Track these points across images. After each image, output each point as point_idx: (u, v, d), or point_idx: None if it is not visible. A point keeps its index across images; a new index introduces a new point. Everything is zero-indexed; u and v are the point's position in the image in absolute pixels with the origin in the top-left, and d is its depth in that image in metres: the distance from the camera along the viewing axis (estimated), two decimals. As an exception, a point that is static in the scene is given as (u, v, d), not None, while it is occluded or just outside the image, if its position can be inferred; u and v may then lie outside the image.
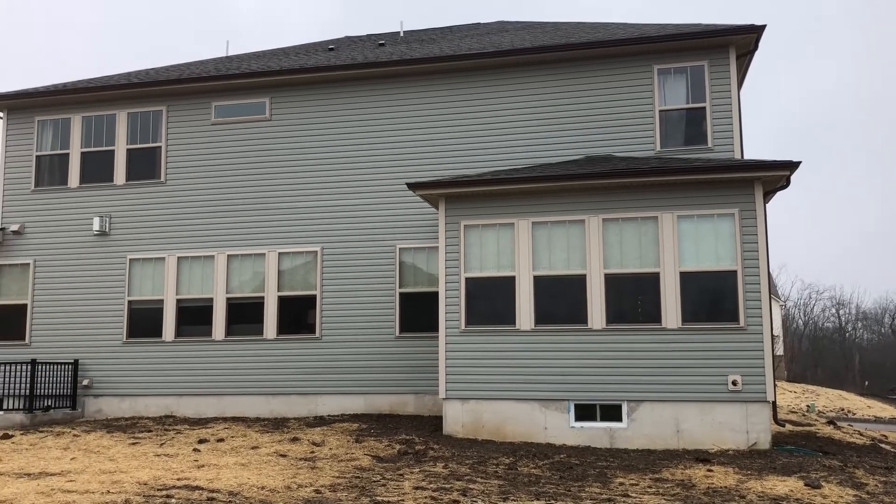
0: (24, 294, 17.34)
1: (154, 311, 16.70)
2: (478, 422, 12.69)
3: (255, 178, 16.60)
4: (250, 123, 16.80)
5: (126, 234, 17.03)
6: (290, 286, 16.17)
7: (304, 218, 16.23)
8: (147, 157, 17.28)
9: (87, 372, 16.68)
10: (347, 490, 8.69)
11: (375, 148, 16.11)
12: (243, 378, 15.96)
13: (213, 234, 16.62)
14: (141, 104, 17.34)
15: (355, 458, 10.87)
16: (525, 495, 8.47)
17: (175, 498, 8.17)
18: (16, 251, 17.51)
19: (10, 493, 8.41)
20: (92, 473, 9.69)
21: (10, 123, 17.98)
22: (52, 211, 17.47)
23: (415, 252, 15.63)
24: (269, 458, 10.86)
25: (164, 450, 11.65)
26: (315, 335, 15.78)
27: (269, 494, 8.43)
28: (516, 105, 15.55)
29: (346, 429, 13.35)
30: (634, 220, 12.69)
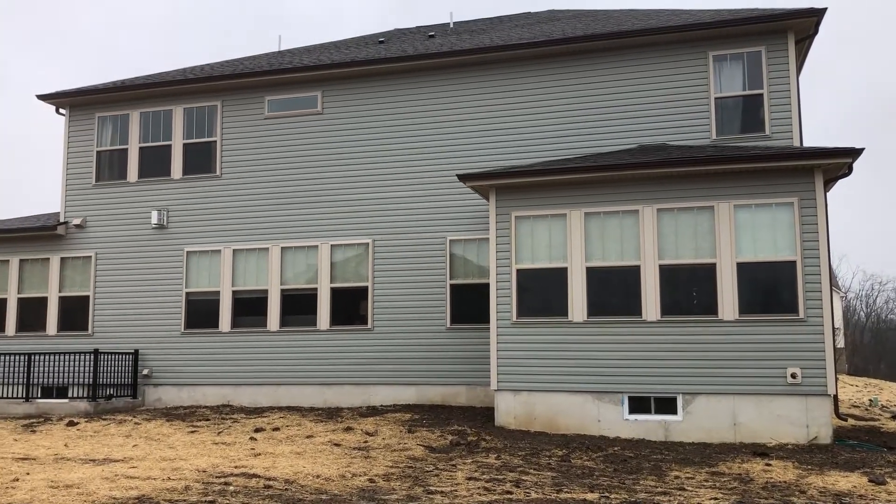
0: (86, 286, 17.87)
1: (211, 302, 17.05)
2: (530, 413, 12.66)
3: (308, 171, 16.78)
4: (302, 117, 16.99)
5: (183, 226, 17.41)
6: (342, 278, 16.33)
7: (356, 210, 16.37)
8: (203, 151, 17.62)
9: (146, 361, 17.13)
10: (401, 480, 8.76)
11: (426, 140, 16.14)
12: (297, 368, 16.19)
13: (267, 227, 16.87)
14: (196, 99, 17.68)
15: (408, 448, 10.94)
16: (579, 487, 8.42)
17: (233, 485, 8.34)
18: (78, 244, 18.05)
19: (77, 477, 8.70)
20: (153, 460, 9.96)
21: (72, 120, 18.51)
22: (113, 205, 17.95)
23: (465, 244, 15.63)
24: (324, 447, 11.01)
25: (222, 438, 11.91)
26: (367, 326, 15.92)
27: (324, 483, 8.54)
28: (568, 94, 15.40)
29: (399, 419, 13.45)
30: (690, 210, 12.47)
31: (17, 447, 11.24)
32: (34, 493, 7.88)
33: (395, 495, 7.92)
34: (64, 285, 18.05)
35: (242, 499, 7.66)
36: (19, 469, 9.34)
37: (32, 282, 18.29)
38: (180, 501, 7.52)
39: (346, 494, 7.95)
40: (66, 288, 18.03)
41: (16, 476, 8.82)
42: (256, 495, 7.84)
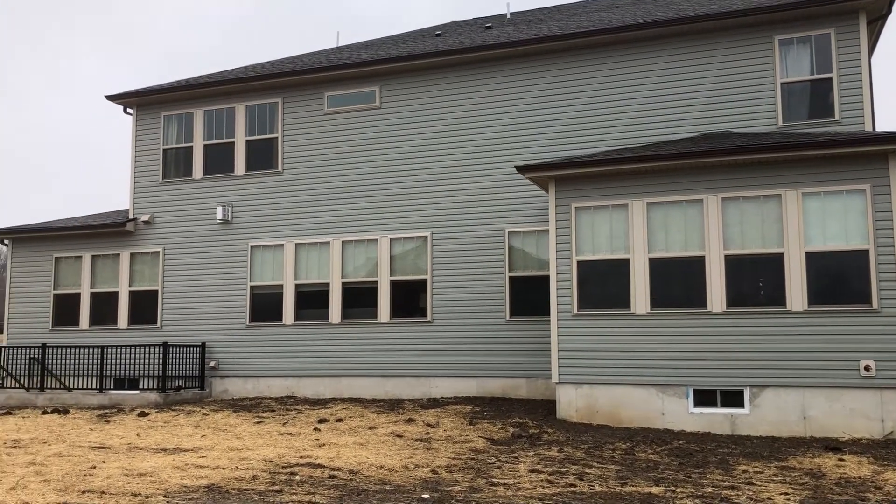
0: (155, 280, 18.42)
1: (274, 295, 17.37)
2: (592, 406, 12.54)
3: (367, 165, 16.93)
4: (361, 112, 17.13)
5: (247, 222, 17.77)
6: (401, 271, 16.44)
7: (414, 203, 16.44)
8: (265, 147, 17.93)
9: (213, 354, 17.56)
10: (463, 471, 8.79)
11: (484, 132, 16.10)
12: (359, 360, 16.38)
13: (328, 221, 17.09)
14: (258, 97, 18.00)
15: (469, 440, 10.97)
16: (643, 481, 8.31)
17: (299, 475, 8.49)
18: (147, 240, 18.59)
19: (150, 466, 8.98)
20: (221, 450, 10.21)
21: (139, 119, 19.06)
22: (179, 201, 18.43)
23: (524, 235, 15.55)
24: (386, 438, 11.11)
25: (287, 429, 12.13)
26: (427, 319, 16.00)
27: (387, 473, 8.63)
28: (627, 83, 15.16)
29: (460, 411, 13.49)
30: (756, 199, 12.15)
31: (92, 436, 11.66)
32: (110, 480, 8.17)
33: (458, 486, 7.95)
34: (134, 280, 18.63)
35: (308, 488, 7.80)
36: (96, 457, 9.69)
37: (104, 277, 18.92)
38: (248, 490, 7.69)
39: (410, 485, 8.02)
40: (136, 283, 18.60)
41: (93, 464, 9.15)
42: (322, 485, 7.97)
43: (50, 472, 8.63)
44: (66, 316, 19.01)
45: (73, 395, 16.54)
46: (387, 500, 7.29)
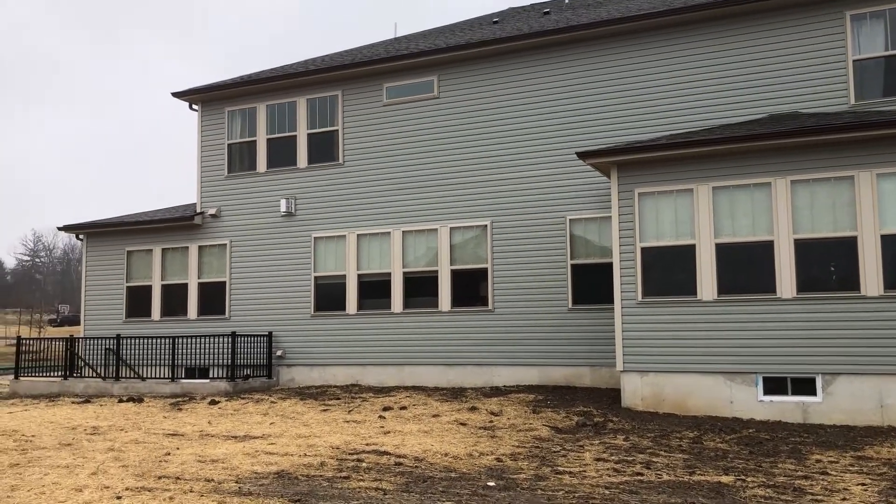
0: (222, 272, 18.87)
1: (337, 285, 17.62)
2: (658, 395, 12.37)
3: (426, 155, 16.99)
4: (419, 102, 17.19)
5: (310, 214, 18.04)
6: (461, 260, 16.47)
7: (474, 192, 16.43)
8: (326, 140, 18.16)
9: (280, 343, 17.92)
10: (528, 459, 8.78)
11: (543, 118, 15.97)
12: (421, 349, 16.50)
13: (388, 212, 17.23)
14: (318, 90, 18.22)
15: (533, 428, 10.95)
16: (712, 470, 8.17)
17: (365, 462, 8.62)
18: (214, 233, 19.06)
19: (221, 453, 9.24)
20: (289, 437, 10.43)
21: (204, 115, 19.50)
22: (244, 195, 18.82)
23: (586, 223, 15.39)
24: (450, 426, 11.18)
25: (352, 416, 12.31)
26: (488, 307, 16.00)
27: (452, 461, 8.69)
28: (690, 65, 14.82)
29: (523, 399, 13.47)
30: (827, 181, 11.76)
31: (166, 424, 12.05)
32: (184, 466, 8.43)
33: (523, 475, 7.96)
34: (202, 272, 19.13)
35: (375, 475, 7.91)
36: (170, 444, 10.02)
37: (174, 269, 19.49)
38: (317, 477, 7.84)
39: (475, 473, 8.06)
40: (205, 274, 19.10)
41: (167, 450, 9.46)
42: (388, 472, 8.08)
43: (127, 458, 8.96)
44: (138, 307, 19.67)
45: (146, 384, 17.12)
46: (452, 487, 7.34)
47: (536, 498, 6.89)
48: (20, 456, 9.29)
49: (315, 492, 7.11)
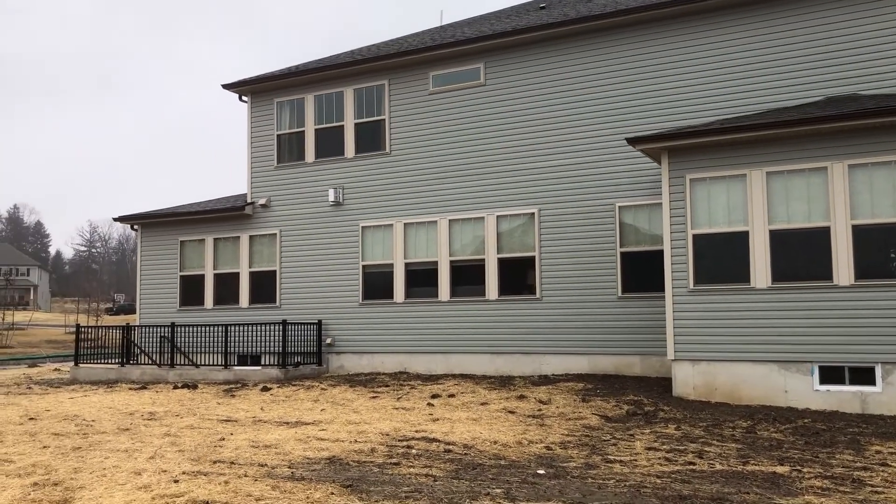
0: (273, 261, 19.15)
1: (385, 274, 17.73)
2: (710, 384, 12.18)
3: (472, 143, 16.95)
4: (466, 90, 17.14)
5: (357, 203, 18.17)
6: (508, 248, 16.42)
7: (521, 180, 16.35)
8: (372, 129, 18.24)
9: (329, 331, 18.13)
10: (578, 448, 8.74)
11: (591, 105, 15.79)
12: (468, 337, 16.52)
13: (435, 200, 17.25)
14: (365, 80, 18.30)
15: (583, 416, 10.89)
16: (767, 460, 8.02)
17: (415, 449, 8.68)
18: (264, 223, 19.34)
19: (274, 438, 9.40)
20: (340, 423, 10.55)
21: (254, 106, 19.76)
22: (293, 185, 19.04)
23: (635, 210, 15.19)
24: (499, 414, 11.18)
25: (401, 403, 12.40)
26: (535, 296, 15.93)
27: (501, 449, 8.69)
28: (742, 47, 14.48)
29: (572, 388, 13.40)
30: (886, 165, 11.39)
31: (220, 410, 12.30)
32: (238, 451, 8.60)
33: (573, 463, 7.93)
34: (253, 261, 19.44)
35: (425, 462, 7.96)
36: (224, 430, 10.22)
37: (225, 259, 19.84)
38: (367, 463, 7.92)
39: (524, 461, 8.05)
40: (255, 263, 19.41)
41: (222, 436, 9.66)
42: (438, 459, 8.12)
43: (183, 443, 9.17)
44: (192, 296, 20.09)
45: (200, 370, 17.48)
46: (502, 475, 7.35)
47: (587, 486, 6.86)
48: (82, 440, 9.59)
49: (366, 477, 7.19)
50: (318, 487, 6.72)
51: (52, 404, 13.47)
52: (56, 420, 11.43)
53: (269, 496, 6.45)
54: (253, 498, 6.38)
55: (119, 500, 6.30)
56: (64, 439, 9.65)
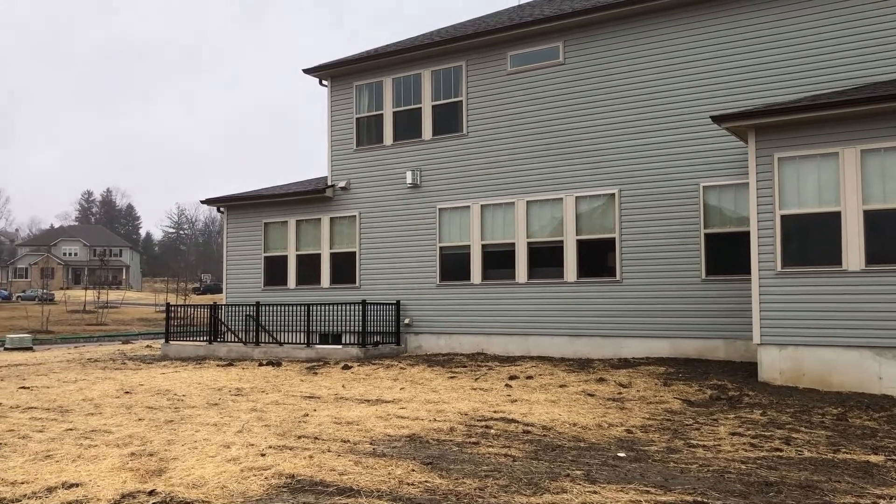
0: (352, 243, 19.47)
1: (462, 255, 17.79)
2: (798, 369, 11.79)
3: (551, 123, 16.76)
4: (544, 69, 16.94)
5: (435, 185, 18.26)
6: (588, 229, 16.22)
7: (600, 160, 16.09)
8: (450, 111, 18.26)
9: (407, 311, 18.34)
10: (659, 432, 8.62)
11: (673, 82, 15.37)
12: (546, 319, 16.44)
13: (512, 182, 17.17)
14: (442, 61, 18.30)
15: (664, 400, 10.72)
16: (859, 448, 7.73)
17: (494, 429, 8.72)
18: (344, 205, 19.65)
19: (356, 415, 9.60)
20: (419, 402, 10.69)
21: (334, 90, 20.04)
22: (372, 167, 19.27)
23: (720, 190, 14.77)
24: (578, 396, 11.11)
25: (479, 384, 12.46)
26: (615, 278, 15.71)
27: (581, 431, 8.65)
28: (830, 20, 13.81)
29: (653, 372, 13.19)
30: None
31: (303, 387, 12.63)
32: (321, 427, 8.82)
33: (654, 447, 7.82)
34: (334, 242, 19.81)
35: (504, 442, 7.99)
36: (307, 406, 10.50)
37: (307, 240, 20.28)
38: (447, 441, 8.01)
39: (604, 443, 7.99)
40: (336, 245, 19.77)
41: (305, 412, 9.92)
42: (516, 439, 8.14)
43: (269, 418, 9.46)
44: (275, 276, 20.63)
45: (283, 348, 17.98)
46: (582, 456, 7.31)
47: (669, 470, 6.76)
48: (173, 413, 10.01)
49: (446, 456, 7.27)
50: (400, 464, 6.84)
51: (145, 379, 14.10)
52: (149, 394, 11.97)
53: (352, 471, 6.60)
54: (336, 472, 6.55)
55: (210, 472, 6.56)
56: (157, 412, 10.10)
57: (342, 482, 6.24)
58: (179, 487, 6.07)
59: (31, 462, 7.20)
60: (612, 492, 5.94)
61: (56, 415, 10.10)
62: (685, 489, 6.04)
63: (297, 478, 6.37)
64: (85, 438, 8.32)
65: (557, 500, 5.71)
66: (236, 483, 6.21)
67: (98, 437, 8.34)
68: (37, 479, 6.48)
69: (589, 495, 5.82)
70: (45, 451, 7.64)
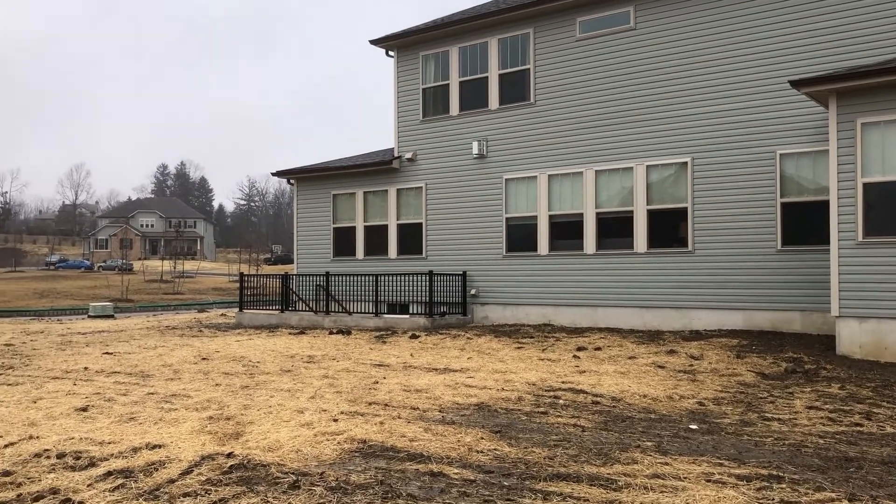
0: (419, 214, 19.56)
1: (528, 226, 17.68)
2: (879, 343, 11.37)
3: (621, 90, 16.41)
4: (614, 35, 16.56)
5: (501, 155, 18.14)
6: (658, 199, 15.89)
7: (672, 128, 15.70)
8: (517, 80, 18.05)
9: (473, 282, 18.39)
10: (732, 404, 8.46)
11: (748, 47, 14.83)
12: (615, 290, 16.25)
13: (580, 151, 16.93)
14: (509, 29, 18.08)
15: (737, 373, 10.50)
16: (946, 426, 7.43)
17: (562, 399, 8.70)
18: (411, 176, 19.73)
19: (424, 383, 9.71)
20: (486, 372, 10.74)
21: (400, 61, 20.03)
22: (438, 138, 19.25)
23: (797, 157, 14.25)
24: (647, 368, 10.99)
25: (546, 355, 12.44)
26: (687, 248, 15.39)
27: (651, 402, 8.56)
28: (928, -25, 13.07)
29: (725, 344, 12.93)
30: None
31: (372, 355, 12.83)
32: (391, 394, 8.96)
33: (727, 419, 7.68)
34: (400, 214, 19.94)
35: (572, 412, 7.97)
36: (377, 373, 10.67)
37: (374, 211, 20.47)
38: (515, 411, 8.04)
39: (676, 415, 7.89)
40: (402, 216, 19.90)
41: (375, 379, 10.09)
42: (585, 410, 8.11)
43: (340, 385, 9.66)
44: (344, 247, 20.93)
45: (352, 317, 18.27)
46: (652, 428, 7.24)
47: (742, 443, 6.64)
48: (249, 379, 10.31)
49: (514, 424, 7.30)
50: (469, 432, 6.90)
51: (220, 346, 14.54)
52: (225, 361, 12.35)
53: (422, 437, 6.69)
54: (407, 438, 6.65)
55: (285, 436, 6.74)
56: (233, 378, 10.42)
57: (413, 448, 6.33)
58: (256, 450, 6.26)
59: (117, 423, 7.53)
60: (685, 464, 5.87)
61: (138, 379, 10.53)
62: (760, 462, 5.93)
63: (369, 443, 6.50)
64: (165, 402, 8.65)
65: (628, 470, 5.67)
66: (310, 447, 6.37)
67: (178, 402, 8.66)
68: (122, 440, 6.78)
69: (660, 466, 5.77)
70: (129, 414, 7.98)
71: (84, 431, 7.17)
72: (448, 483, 5.37)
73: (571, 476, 5.52)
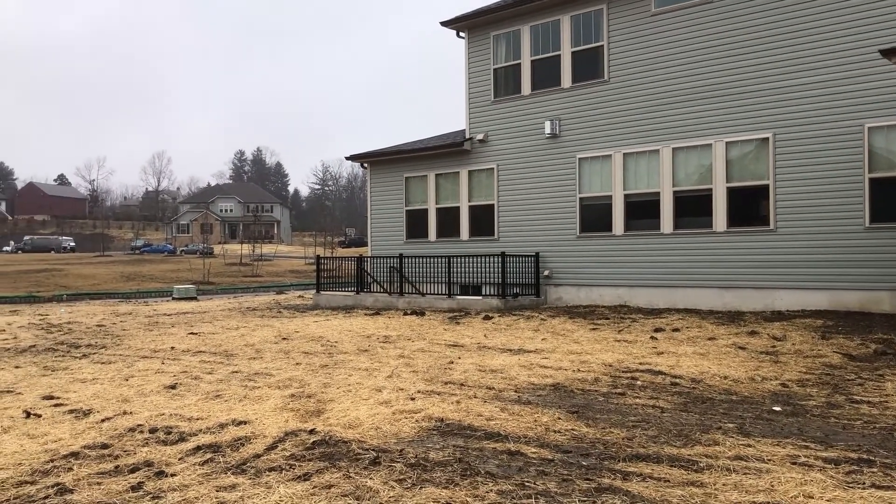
0: (491, 195, 19.52)
1: (603, 206, 17.44)
2: (977, 324, 10.82)
3: (698, 65, 15.96)
4: (692, 8, 16.09)
5: (574, 134, 17.91)
6: (738, 176, 15.44)
7: (752, 103, 15.19)
8: (590, 57, 17.75)
9: (546, 263, 18.28)
10: (817, 387, 8.20)
11: (832, 16, 14.19)
12: (693, 271, 15.90)
13: (656, 128, 16.57)
14: (582, 6, 17.77)
15: (822, 354, 10.16)
16: None
17: (640, 380, 8.60)
18: (482, 157, 19.69)
19: (499, 364, 9.74)
20: (561, 353, 10.69)
21: (471, 42, 19.96)
22: (510, 118, 19.13)
23: (888, 131, 13.61)
24: (728, 349, 10.74)
25: (623, 336, 12.29)
26: (769, 227, 14.92)
27: (732, 384, 8.37)
28: None
29: (809, 325, 12.52)
30: None
31: (447, 336, 12.92)
32: (466, 374, 9.02)
33: (812, 401, 7.46)
34: (472, 195, 19.94)
35: (651, 393, 7.87)
36: (451, 354, 10.75)
37: (446, 193, 20.53)
38: (592, 391, 7.99)
39: (758, 397, 7.70)
40: (474, 198, 19.90)
41: (450, 359, 10.18)
42: (664, 391, 7.99)
43: (416, 365, 9.78)
44: (416, 229, 21.09)
45: (426, 299, 18.43)
46: (734, 410, 7.09)
47: (829, 426, 6.44)
48: (328, 359, 10.54)
49: (591, 405, 7.26)
50: (545, 412, 6.90)
51: (299, 327, 14.89)
52: (304, 340, 12.65)
53: (499, 417, 6.73)
54: (483, 418, 6.69)
55: (364, 413, 6.88)
56: (312, 357, 10.67)
57: (489, 427, 6.37)
58: (337, 427, 6.41)
59: (204, 401, 7.82)
60: (768, 445, 5.73)
61: (222, 358, 10.89)
62: (849, 446, 5.74)
63: (446, 421, 6.57)
64: (249, 380, 8.93)
65: (709, 452, 5.58)
66: (389, 425, 6.48)
67: (260, 380, 8.93)
68: (209, 416, 7.04)
69: (743, 448, 5.66)
70: (215, 391, 8.28)
71: (173, 408, 7.47)
72: (526, 462, 5.39)
73: (651, 457, 5.47)
